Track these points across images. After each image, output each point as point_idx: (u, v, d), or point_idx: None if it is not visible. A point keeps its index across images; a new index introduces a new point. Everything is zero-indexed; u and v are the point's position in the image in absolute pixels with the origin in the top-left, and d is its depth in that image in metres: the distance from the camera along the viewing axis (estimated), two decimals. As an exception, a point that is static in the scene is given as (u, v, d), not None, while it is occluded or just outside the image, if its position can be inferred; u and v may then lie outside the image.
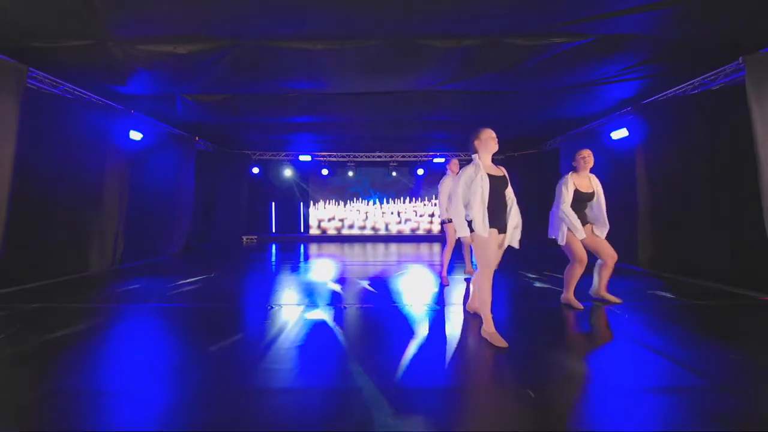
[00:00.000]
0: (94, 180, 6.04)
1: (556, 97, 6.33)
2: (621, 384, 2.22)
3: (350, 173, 12.78)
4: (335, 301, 4.20)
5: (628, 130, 6.83)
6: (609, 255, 3.85)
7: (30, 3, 3.60)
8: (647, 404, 2.00)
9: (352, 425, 1.79)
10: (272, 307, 3.95)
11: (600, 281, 4.01)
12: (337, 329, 3.21)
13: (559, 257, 8.10)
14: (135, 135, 6.99)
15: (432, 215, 13.47)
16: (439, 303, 4.09)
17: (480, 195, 2.96)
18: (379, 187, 13.20)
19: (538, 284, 5.08)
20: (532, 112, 7.28)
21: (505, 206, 3.14)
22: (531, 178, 11.07)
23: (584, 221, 3.86)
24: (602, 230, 3.84)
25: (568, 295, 3.95)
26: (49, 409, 1.97)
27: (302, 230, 13.32)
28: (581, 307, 3.83)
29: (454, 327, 3.27)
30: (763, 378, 2.40)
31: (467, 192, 3.03)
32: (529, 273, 5.94)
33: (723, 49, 4.52)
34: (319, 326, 3.29)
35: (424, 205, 13.49)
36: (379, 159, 12.54)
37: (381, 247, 10.51)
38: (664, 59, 4.77)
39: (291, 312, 3.74)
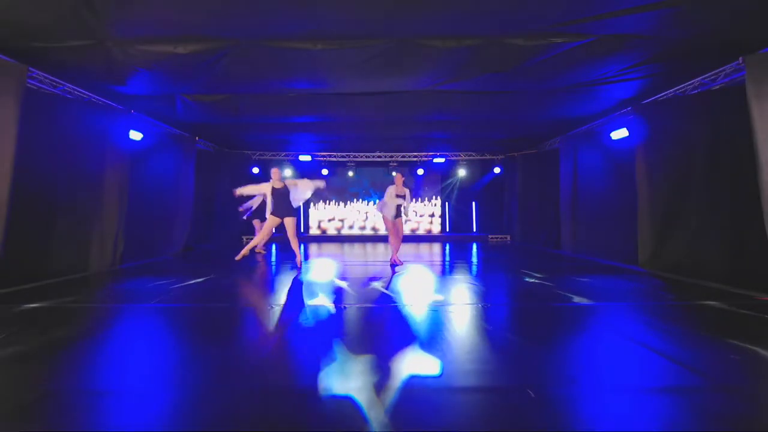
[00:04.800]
0: (94, 180, 6.03)
1: (556, 97, 6.33)
2: (621, 384, 2.22)
3: (350, 173, 12.77)
4: (335, 300, 4.20)
5: (628, 130, 6.83)
6: (400, 236, 6.91)
7: (30, 3, 3.60)
8: (647, 404, 2.00)
9: (352, 425, 1.79)
10: (272, 307, 3.95)
11: (394, 251, 6.82)
12: (337, 329, 3.21)
13: (557, 257, 8.10)
14: (135, 135, 6.98)
15: (432, 215, 13.46)
16: (439, 301, 4.09)
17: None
18: (379, 187, 13.19)
19: (536, 284, 5.08)
20: (532, 112, 7.28)
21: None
22: (531, 178, 11.06)
23: (398, 213, 6.74)
24: (408, 217, 6.81)
25: (395, 256, 6.74)
26: (49, 409, 1.97)
27: (302, 230, 13.31)
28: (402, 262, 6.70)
29: (453, 326, 3.27)
30: (763, 378, 2.40)
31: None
32: (529, 273, 5.93)
33: (723, 49, 4.52)
34: (319, 326, 3.29)
35: (424, 205, 13.49)
36: (379, 159, 12.54)
37: (381, 247, 10.51)
38: (664, 59, 4.77)
39: (291, 312, 3.74)
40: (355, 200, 13.35)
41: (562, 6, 3.70)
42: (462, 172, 13.02)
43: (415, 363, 2.51)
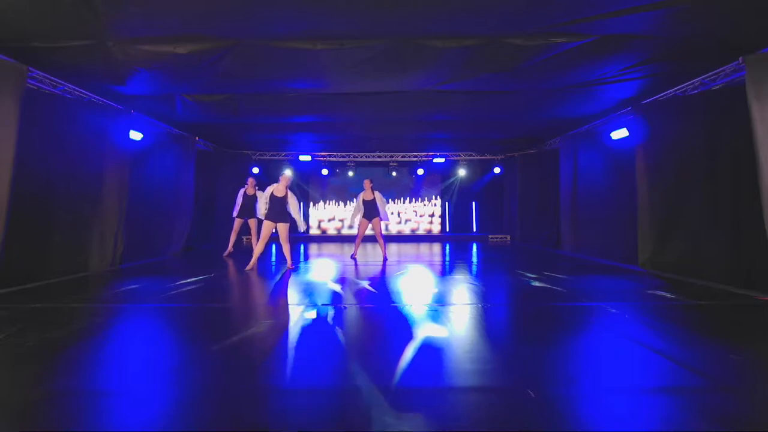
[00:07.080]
0: (94, 180, 6.03)
1: (556, 97, 6.33)
2: (621, 384, 2.23)
3: (350, 173, 12.77)
4: (335, 300, 4.20)
5: (628, 130, 6.83)
6: (284, 238, 6.42)
7: (30, 3, 3.60)
8: (647, 404, 2.01)
9: (352, 425, 1.79)
10: (272, 307, 3.94)
11: (287, 255, 6.51)
12: (337, 329, 3.21)
13: (557, 257, 8.10)
14: (135, 135, 6.98)
15: (432, 215, 13.46)
16: (438, 301, 4.09)
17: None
18: (379, 187, 13.17)
19: (536, 284, 5.08)
20: (532, 112, 7.28)
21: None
22: (531, 178, 11.05)
23: (280, 218, 6.25)
24: (288, 221, 6.43)
25: (258, 256, 6.47)
26: (49, 409, 1.97)
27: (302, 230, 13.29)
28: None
29: (453, 326, 3.27)
30: (763, 378, 2.40)
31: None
32: (529, 273, 5.93)
33: (723, 49, 4.52)
34: (319, 326, 3.29)
35: (424, 205, 13.49)
36: (379, 159, 12.53)
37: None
38: (664, 59, 4.77)
39: (291, 312, 3.74)
40: (355, 200, 13.34)
41: (562, 6, 3.70)
42: (462, 172, 13.02)
43: (414, 363, 2.51)
